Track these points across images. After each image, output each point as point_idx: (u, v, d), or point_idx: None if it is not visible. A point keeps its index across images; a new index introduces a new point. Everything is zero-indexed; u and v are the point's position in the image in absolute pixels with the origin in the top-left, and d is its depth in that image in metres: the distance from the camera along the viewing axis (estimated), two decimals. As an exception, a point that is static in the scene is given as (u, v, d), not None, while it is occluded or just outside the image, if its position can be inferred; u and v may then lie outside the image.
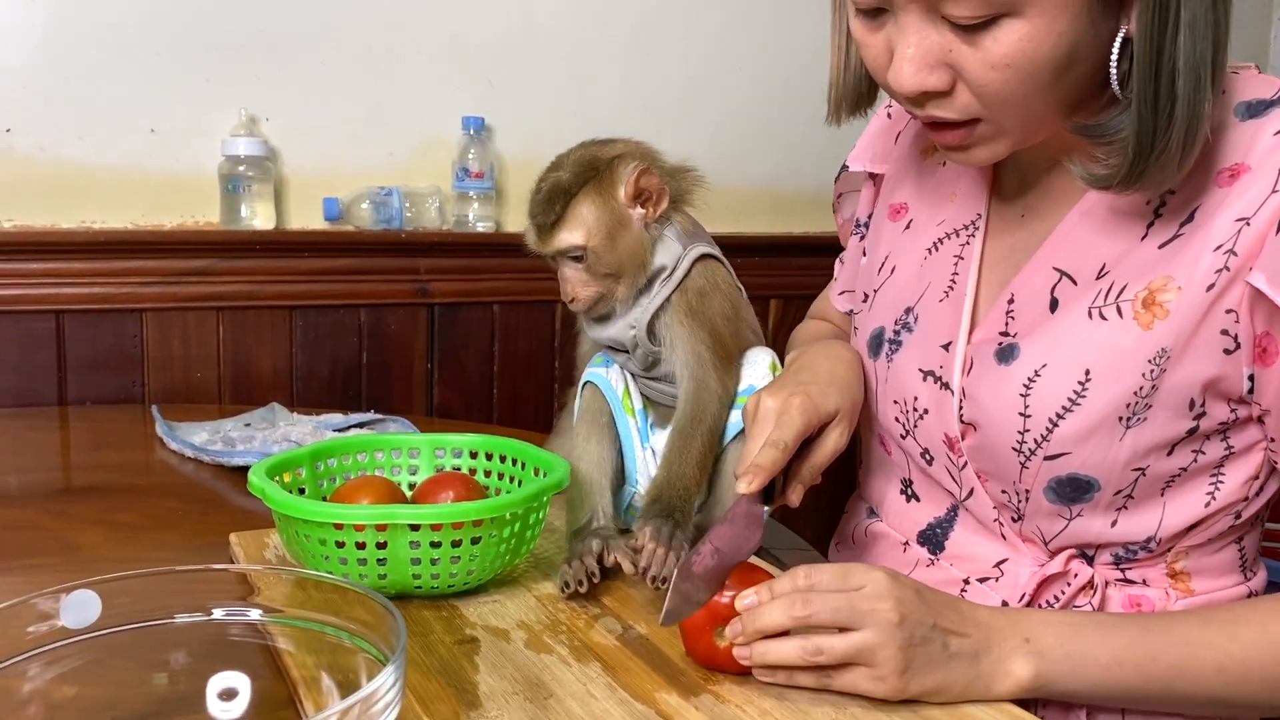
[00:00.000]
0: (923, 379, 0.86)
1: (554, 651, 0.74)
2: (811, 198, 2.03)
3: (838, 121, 0.85)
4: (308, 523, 0.78)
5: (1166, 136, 0.68)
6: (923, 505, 0.91)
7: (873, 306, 0.94)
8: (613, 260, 0.89)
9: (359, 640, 0.59)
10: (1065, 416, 0.76)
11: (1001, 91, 0.69)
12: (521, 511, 0.82)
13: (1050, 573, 0.81)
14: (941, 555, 0.88)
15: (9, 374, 1.56)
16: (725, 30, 1.95)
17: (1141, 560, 0.81)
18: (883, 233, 0.96)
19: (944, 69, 0.70)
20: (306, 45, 1.67)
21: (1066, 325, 0.77)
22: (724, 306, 0.92)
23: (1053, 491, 0.79)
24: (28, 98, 1.55)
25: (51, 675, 0.57)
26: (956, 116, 0.72)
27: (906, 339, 0.89)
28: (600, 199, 0.89)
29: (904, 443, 0.90)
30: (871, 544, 0.96)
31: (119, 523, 1.05)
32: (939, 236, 0.90)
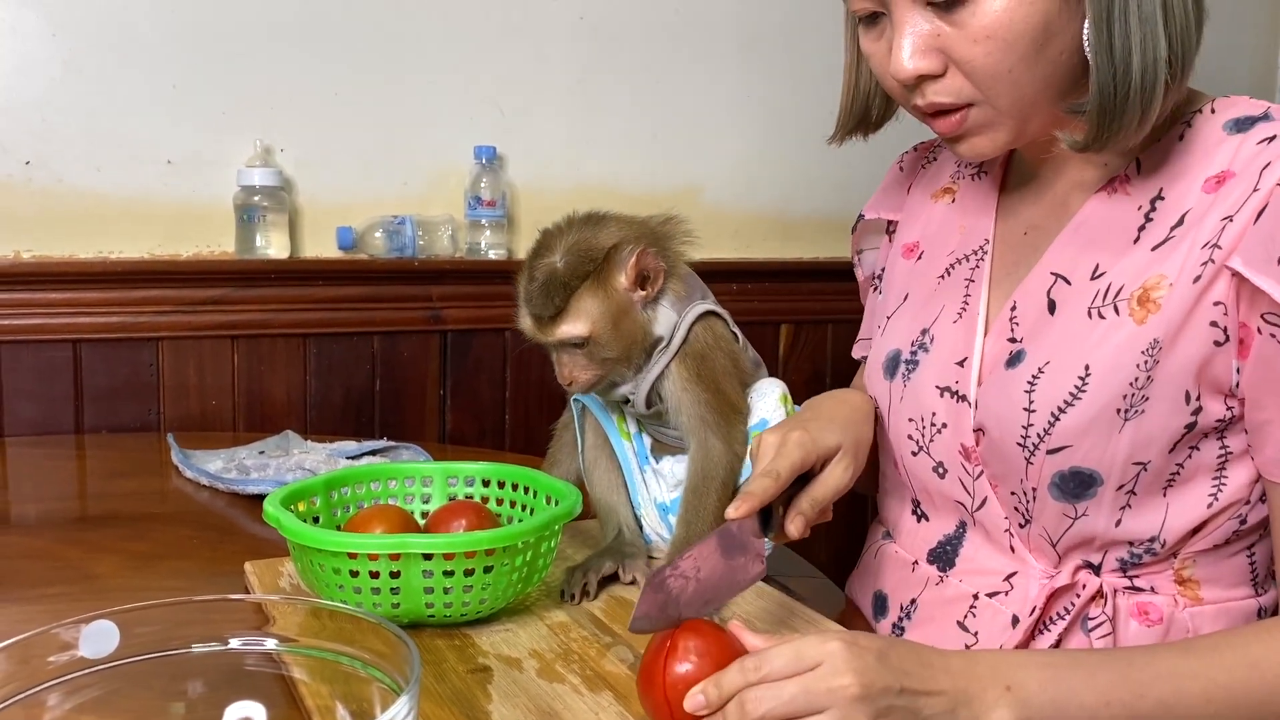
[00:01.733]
0: (939, 395, 0.88)
1: (566, 680, 0.74)
2: (820, 223, 2.04)
3: (839, 141, 0.92)
4: (322, 552, 0.79)
5: (1126, 87, 0.73)
6: (932, 524, 0.92)
7: (885, 332, 0.98)
8: (615, 347, 0.90)
9: (373, 670, 0.60)
10: (1066, 410, 0.79)
11: (987, 65, 0.75)
12: (533, 540, 0.83)
13: (1059, 585, 0.82)
14: (951, 572, 0.89)
15: (27, 403, 1.58)
16: (734, 57, 1.96)
17: (1148, 565, 0.82)
18: (896, 271, 1.01)
19: (935, 53, 0.76)
20: (320, 77, 1.70)
21: (1066, 325, 0.81)
22: (724, 363, 0.93)
23: (1057, 488, 0.80)
24: (47, 130, 1.58)
25: (71, 705, 0.58)
26: (952, 100, 0.78)
27: (923, 359, 0.91)
28: (602, 290, 0.89)
29: (914, 460, 0.91)
30: (881, 566, 0.97)
31: (135, 551, 1.06)
32: (950, 264, 0.94)
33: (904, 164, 1.07)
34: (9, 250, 1.57)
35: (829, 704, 0.61)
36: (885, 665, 0.63)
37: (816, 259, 2.03)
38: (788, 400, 0.96)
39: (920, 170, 1.04)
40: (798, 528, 0.81)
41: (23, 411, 1.58)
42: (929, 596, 0.89)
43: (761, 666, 0.63)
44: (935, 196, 1.00)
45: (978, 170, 0.96)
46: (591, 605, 0.88)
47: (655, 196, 1.95)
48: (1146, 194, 0.81)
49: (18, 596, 0.94)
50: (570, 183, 1.89)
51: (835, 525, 1.80)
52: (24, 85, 1.56)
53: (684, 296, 0.93)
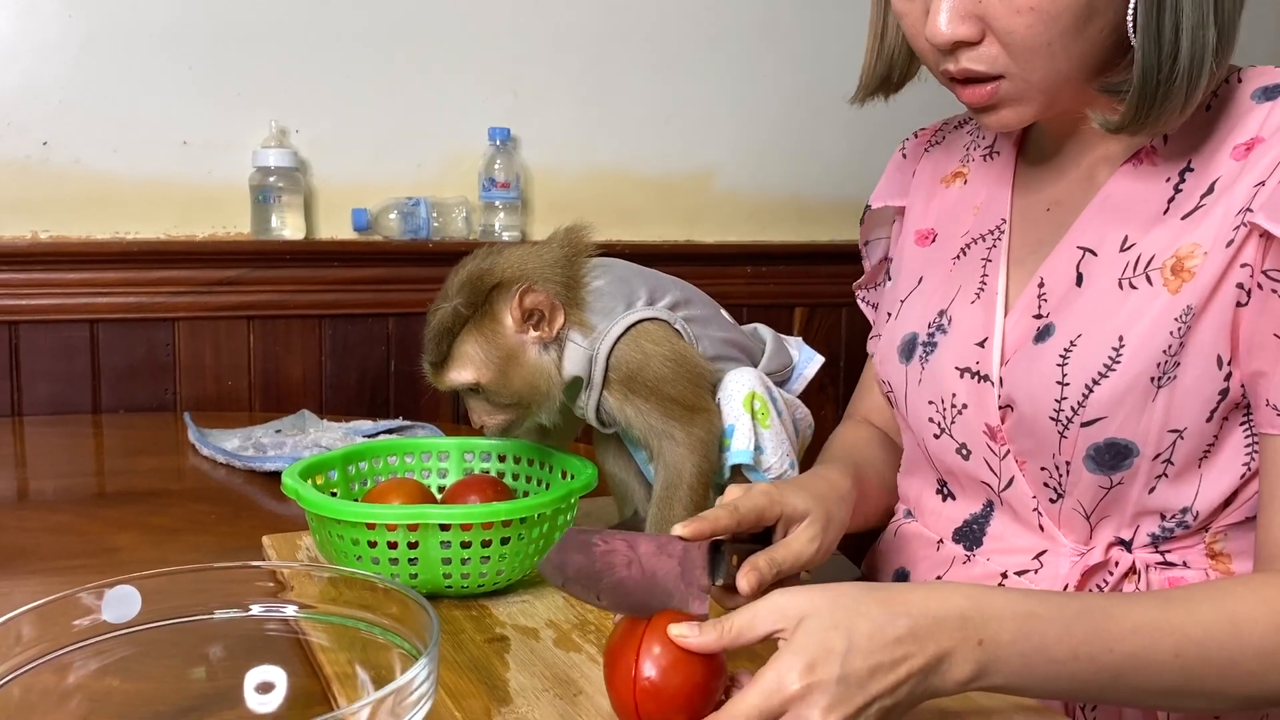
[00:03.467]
0: (959, 376, 0.87)
1: (583, 650, 0.75)
2: (835, 205, 2.04)
3: (861, 101, 0.90)
4: (341, 523, 0.80)
5: (1171, 72, 0.72)
6: (958, 503, 0.91)
7: (899, 316, 0.96)
8: (511, 392, 0.85)
9: (392, 635, 0.61)
10: (1100, 382, 0.78)
11: (1027, 38, 0.74)
12: (550, 513, 0.83)
13: (1092, 563, 0.81)
14: (978, 551, 0.88)
15: (45, 382, 1.59)
16: (749, 40, 1.96)
17: (1179, 538, 0.81)
18: (908, 257, 1.00)
19: (974, 20, 0.75)
20: (335, 58, 1.70)
21: (1096, 297, 0.80)
22: (662, 369, 0.86)
23: (1092, 460, 0.80)
24: (64, 112, 1.59)
25: (95, 667, 0.59)
26: (985, 69, 0.76)
27: (941, 340, 0.90)
28: (484, 335, 0.84)
29: (937, 442, 0.90)
30: (903, 545, 0.96)
31: (154, 526, 1.06)
32: (964, 244, 0.93)
33: (906, 150, 1.06)
34: (27, 231, 1.58)
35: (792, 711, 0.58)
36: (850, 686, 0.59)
37: (832, 241, 2.03)
38: (754, 401, 0.88)
39: (924, 155, 1.03)
40: (749, 583, 0.70)
41: (40, 391, 1.59)
42: (955, 575, 0.88)
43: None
44: (945, 181, 0.99)
45: (989, 150, 0.96)
46: (607, 579, 0.89)
47: (669, 179, 1.95)
48: (1175, 166, 0.80)
49: (40, 568, 0.95)
50: (584, 165, 1.89)
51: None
52: (41, 67, 1.57)
53: (596, 325, 0.86)
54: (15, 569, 0.95)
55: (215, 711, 0.61)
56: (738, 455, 0.87)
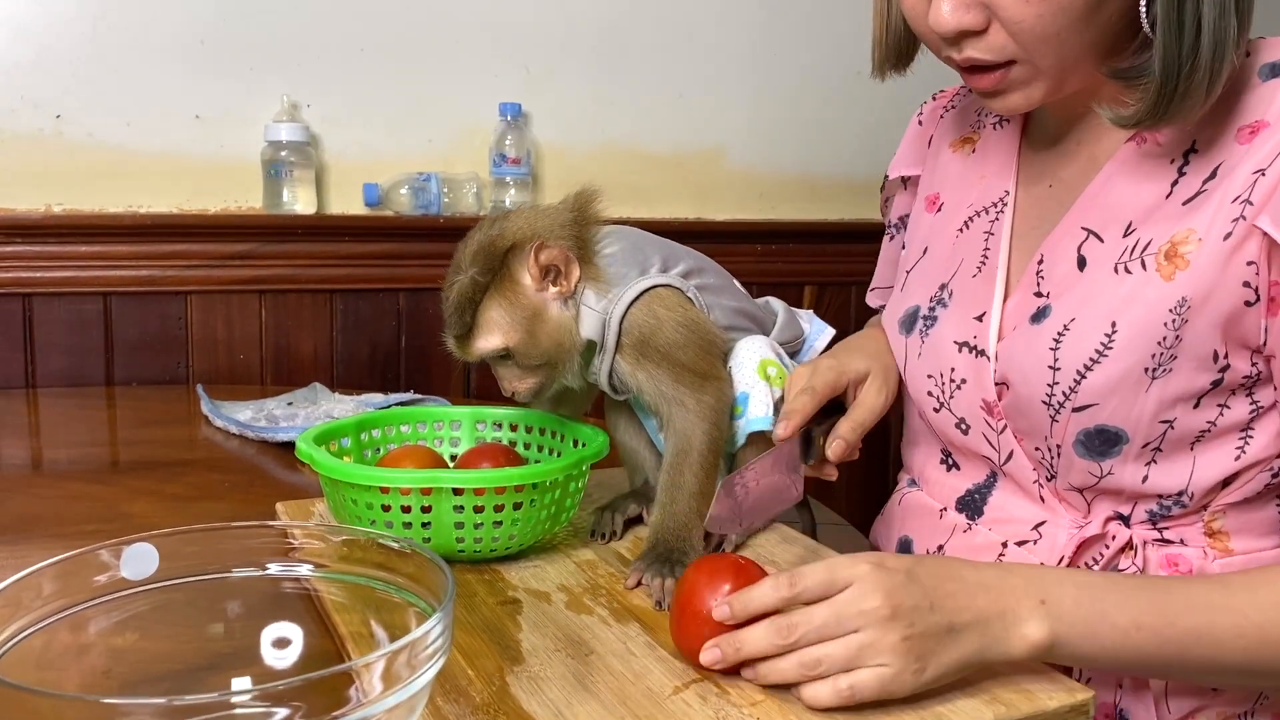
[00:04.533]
0: (958, 350, 0.87)
1: (594, 613, 0.75)
2: (845, 184, 2.03)
3: (882, 76, 0.88)
4: (354, 487, 0.80)
5: (1192, 65, 0.70)
6: (962, 473, 0.91)
7: (905, 286, 0.96)
8: (539, 352, 0.86)
9: (406, 594, 0.61)
10: (1093, 368, 0.77)
11: (1036, 27, 0.72)
12: (561, 479, 0.84)
13: (1089, 535, 0.82)
14: (979, 520, 0.89)
15: (59, 355, 1.60)
16: (759, 16, 1.95)
17: (1177, 517, 0.81)
18: (920, 224, 0.99)
19: (979, 8, 0.73)
20: (347, 33, 1.70)
21: (1094, 281, 0.79)
22: (674, 335, 0.86)
23: (1082, 445, 0.80)
24: (77, 85, 1.59)
25: (113, 623, 0.59)
26: (993, 58, 0.75)
27: (941, 314, 0.90)
28: (506, 298, 0.84)
29: (937, 415, 0.90)
30: (906, 514, 0.96)
31: (168, 494, 1.07)
32: (969, 216, 0.92)
33: (923, 116, 1.06)
34: (40, 204, 1.59)
35: (860, 625, 0.62)
36: (914, 583, 0.64)
37: (842, 220, 2.03)
38: (768, 367, 0.90)
39: (939, 120, 1.02)
40: (838, 451, 0.83)
41: (54, 363, 1.60)
42: (956, 544, 0.89)
43: (796, 583, 0.64)
44: (954, 146, 0.98)
45: (999, 119, 0.95)
46: (618, 545, 0.89)
47: (680, 156, 1.95)
48: (1179, 146, 0.78)
49: (57, 533, 0.96)
50: (595, 141, 1.89)
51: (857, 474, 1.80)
52: (55, 41, 1.57)
53: (610, 283, 0.86)
54: (32, 534, 0.95)
55: (232, 667, 0.62)
56: (756, 422, 0.88)
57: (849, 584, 0.64)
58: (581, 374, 0.90)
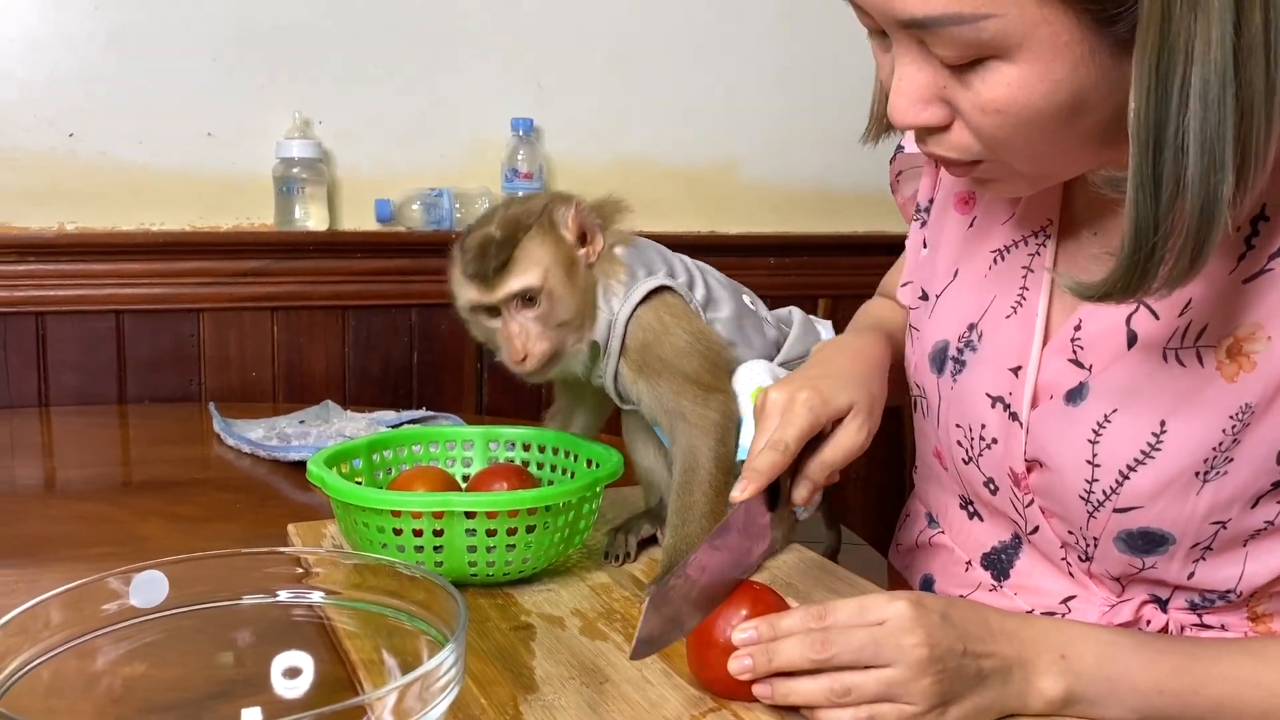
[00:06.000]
0: (990, 405, 0.78)
1: (609, 639, 0.74)
2: (859, 196, 2.02)
3: (874, 140, 0.78)
4: (366, 510, 0.80)
5: (1168, 227, 0.56)
6: (986, 526, 0.84)
7: (933, 313, 0.86)
8: (569, 304, 0.84)
9: (419, 622, 0.60)
10: (1137, 469, 0.69)
11: (996, 135, 0.62)
12: (575, 501, 0.83)
13: (1122, 619, 0.75)
14: (1006, 583, 0.83)
15: (71, 373, 1.60)
16: (772, 30, 1.94)
17: (1220, 609, 0.75)
18: (946, 225, 0.87)
19: (939, 104, 0.63)
20: (358, 49, 1.70)
21: (1141, 366, 0.69)
22: (679, 343, 0.85)
23: (1123, 542, 0.73)
24: (90, 103, 1.59)
25: (122, 652, 0.59)
26: (957, 156, 0.65)
27: (970, 359, 0.80)
28: (548, 239, 0.84)
29: (966, 468, 0.82)
30: (933, 555, 0.91)
31: (180, 515, 1.07)
32: (1005, 243, 0.80)
33: None
34: (53, 222, 1.59)
35: (896, 659, 0.61)
36: (950, 626, 0.63)
37: (856, 232, 2.01)
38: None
39: None
40: (804, 494, 0.75)
41: (67, 381, 1.60)
42: (981, 600, 0.83)
43: (826, 615, 0.63)
44: None
45: None
46: (633, 567, 0.88)
47: (693, 170, 1.94)
48: (1246, 208, 0.63)
49: (68, 555, 0.95)
50: (607, 156, 1.88)
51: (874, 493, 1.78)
52: (68, 59, 1.57)
53: (617, 289, 0.86)
54: (43, 557, 0.95)
55: (242, 696, 0.61)
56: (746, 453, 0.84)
57: (882, 621, 0.62)
58: (589, 373, 0.89)
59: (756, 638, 0.63)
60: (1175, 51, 0.54)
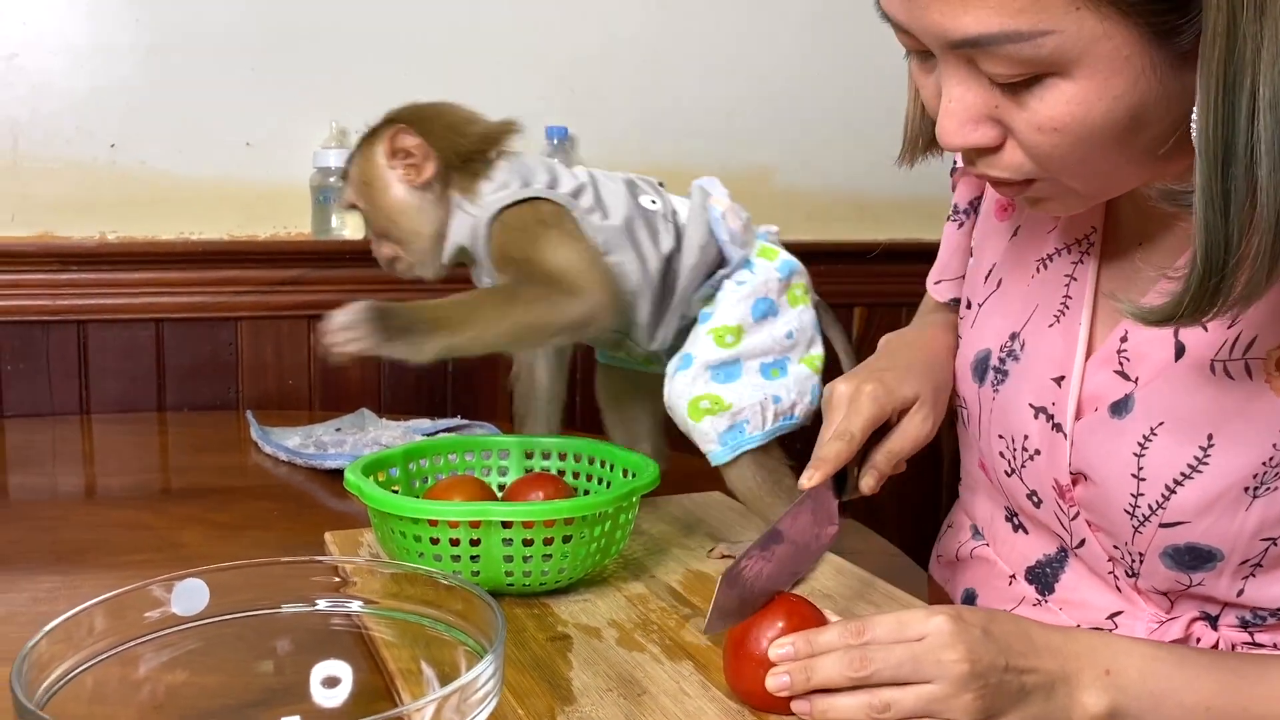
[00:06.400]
0: (1034, 415, 0.77)
1: (646, 650, 0.74)
2: (895, 203, 2.00)
3: (910, 163, 0.77)
4: (403, 519, 0.80)
5: (1245, 243, 0.54)
6: (1031, 538, 0.83)
7: (976, 322, 0.85)
8: (380, 221, 0.96)
9: (457, 632, 0.60)
10: (1183, 484, 0.68)
11: (1053, 154, 0.60)
12: (612, 510, 0.82)
13: (1171, 637, 0.74)
14: (1051, 598, 0.81)
15: (112, 380, 1.62)
16: (806, 34, 1.93)
17: (1272, 627, 0.73)
18: (990, 233, 0.87)
19: (990, 124, 0.62)
20: (394, 58, 1.71)
21: (1187, 379, 0.68)
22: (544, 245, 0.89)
23: (1170, 558, 0.71)
24: (130, 114, 1.61)
25: (164, 660, 0.59)
26: (1010, 176, 0.64)
27: (1013, 369, 0.80)
28: (364, 159, 0.97)
29: (1009, 480, 0.81)
30: (975, 568, 0.89)
31: (218, 522, 1.07)
32: (1048, 251, 0.80)
33: None
34: (94, 231, 1.61)
35: (936, 676, 0.60)
36: (991, 641, 0.62)
37: (892, 240, 2.00)
38: (700, 402, 0.89)
39: None
40: (871, 484, 0.78)
41: (108, 389, 1.62)
42: (1025, 614, 0.80)
43: (864, 631, 0.62)
44: None
45: None
46: (669, 578, 0.88)
47: (728, 177, 1.91)
48: None
49: (108, 563, 0.96)
50: (641, 163, 1.87)
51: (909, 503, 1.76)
52: (108, 70, 1.60)
53: (485, 195, 0.93)
54: (84, 563, 0.96)
55: (282, 705, 0.61)
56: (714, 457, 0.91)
57: (921, 637, 0.61)
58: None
59: (794, 654, 0.63)
60: (1242, 61, 0.52)
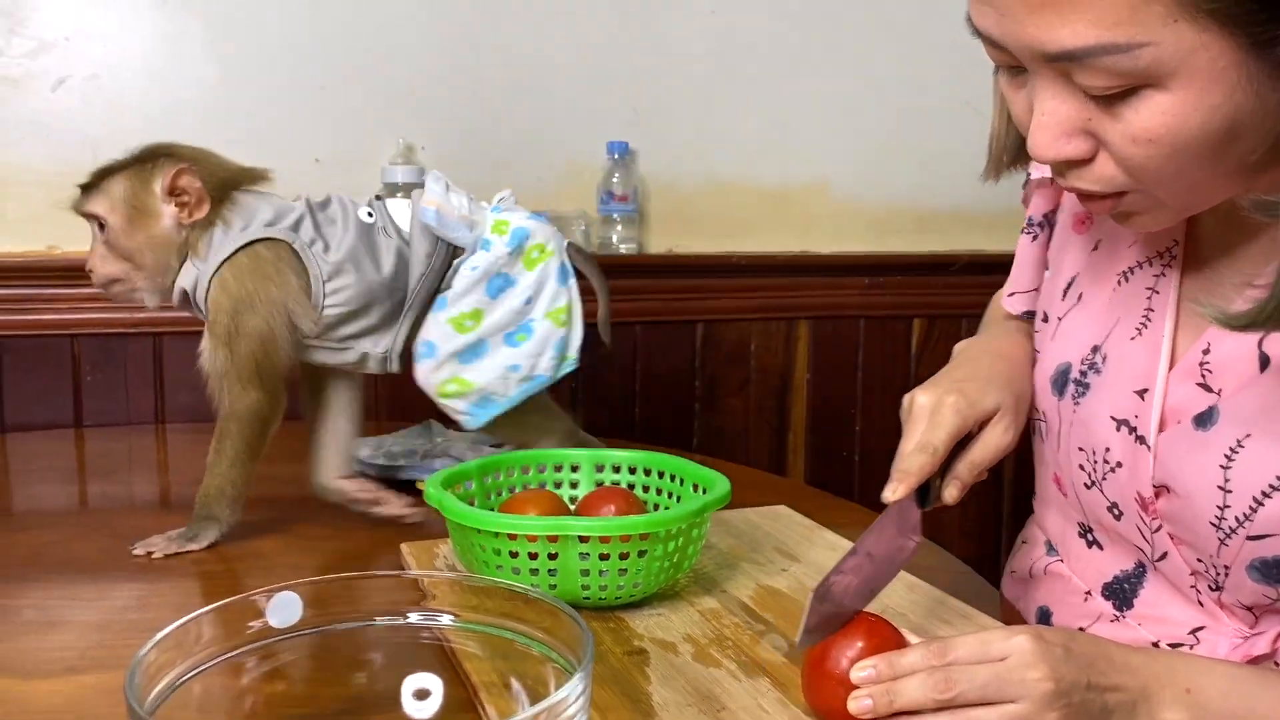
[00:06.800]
0: (1115, 428, 0.77)
1: (722, 665, 0.75)
2: (954, 215, 2.00)
3: (996, 177, 0.77)
4: (483, 533, 0.82)
5: None
6: (1107, 554, 0.83)
7: (1056, 335, 0.85)
8: (129, 245, 0.98)
9: (545, 648, 0.61)
10: (1272, 495, 0.67)
11: (1147, 166, 0.61)
12: (686, 526, 0.83)
13: (1258, 652, 0.73)
14: (1129, 614, 0.81)
15: (186, 392, 1.66)
16: (866, 45, 1.94)
17: None
18: (1068, 246, 0.87)
19: (1083, 137, 0.63)
20: (459, 76, 1.74)
21: (1273, 390, 0.68)
22: (247, 321, 1.00)
23: (1257, 571, 0.70)
24: (206, 131, 1.64)
25: (264, 669, 0.61)
26: (1101, 189, 0.64)
27: (1095, 381, 0.80)
28: (136, 182, 0.98)
29: (1088, 493, 0.81)
30: (1049, 585, 0.89)
31: (295, 532, 1.10)
32: (1130, 264, 0.80)
33: None
34: (171, 246, 1.66)
35: (1021, 695, 0.60)
36: (1073, 659, 0.62)
37: (951, 251, 1.99)
38: (466, 321, 1.06)
39: None
40: (955, 495, 0.78)
41: (182, 399, 1.66)
42: (1101, 630, 0.82)
43: (946, 652, 0.63)
44: None
45: None
46: (740, 593, 0.89)
47: (786, 189, 1.94)
48: None
49: (189, 571, 0.99)
50: (701, 176, 1.90)
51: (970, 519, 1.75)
52: (184, 88, 1.64)
53: (214, 241, 0.99)
54: (167, 572, 0.99)
55: (374, 715, 0.63)
56: (468, 424, 1.09)
57: (1004, 657, 0.62)
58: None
59: (876, 676, 0.63)
60: None
